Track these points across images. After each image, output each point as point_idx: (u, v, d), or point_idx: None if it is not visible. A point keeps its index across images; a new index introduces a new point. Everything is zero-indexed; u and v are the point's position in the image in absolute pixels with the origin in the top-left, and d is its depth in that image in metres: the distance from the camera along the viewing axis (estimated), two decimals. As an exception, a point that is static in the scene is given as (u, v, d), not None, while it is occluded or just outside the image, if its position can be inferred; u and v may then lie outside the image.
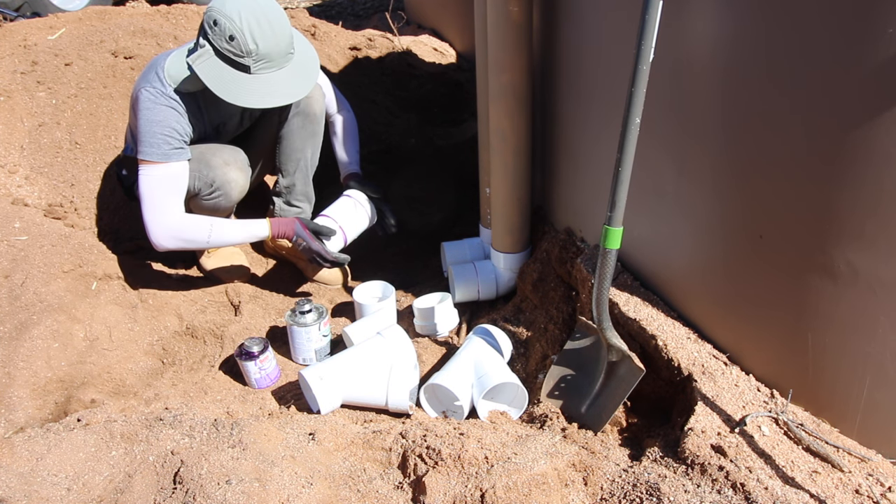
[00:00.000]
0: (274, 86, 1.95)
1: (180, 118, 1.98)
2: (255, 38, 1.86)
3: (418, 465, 1.36)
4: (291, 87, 1.99)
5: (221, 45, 1.87)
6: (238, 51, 1.87)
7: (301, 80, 2.02)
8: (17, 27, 2.92)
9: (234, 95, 1.91)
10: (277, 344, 2.12)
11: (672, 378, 1.55)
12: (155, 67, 1.99)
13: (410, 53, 3.93)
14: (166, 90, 1.96)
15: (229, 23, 1.83)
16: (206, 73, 1.89)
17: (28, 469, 1.33)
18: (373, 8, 5.65)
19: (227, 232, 2.07)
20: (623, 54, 1.54)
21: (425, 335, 2.19)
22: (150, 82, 1.96)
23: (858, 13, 1.09)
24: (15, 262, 2.03)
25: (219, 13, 1.84)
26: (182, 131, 2.00)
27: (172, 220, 1.98)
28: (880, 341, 1.26)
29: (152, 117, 1.94)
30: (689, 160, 1.49)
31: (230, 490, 1.23)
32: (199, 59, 1.88)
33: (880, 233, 1.18)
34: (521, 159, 2.07)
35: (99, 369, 1.90)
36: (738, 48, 1.29)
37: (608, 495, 1.29)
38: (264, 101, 1.94)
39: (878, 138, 1.12)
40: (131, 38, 2.82)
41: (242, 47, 1.86)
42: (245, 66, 1.90)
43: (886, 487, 1.25)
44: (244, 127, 2.34)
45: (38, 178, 2.48)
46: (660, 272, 1.71)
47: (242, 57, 1.88)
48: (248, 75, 1.91)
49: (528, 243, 2.26)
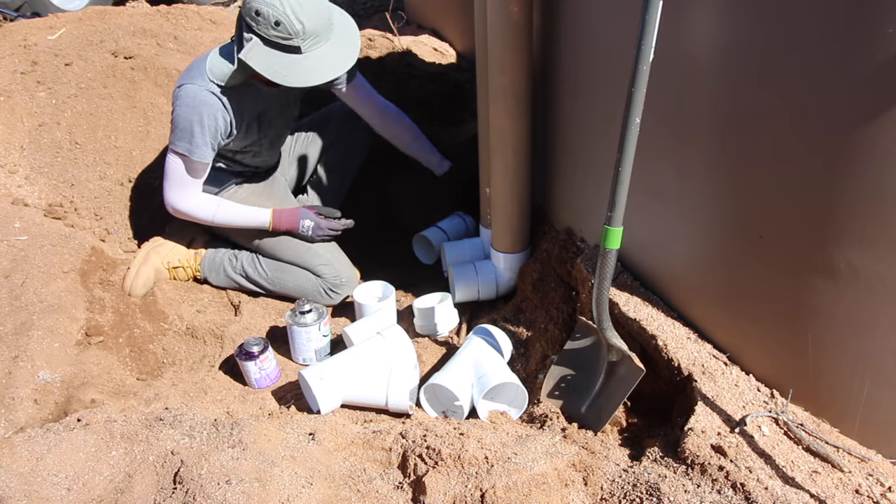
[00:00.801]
0: (325, 59, 1.99)
1: (217, 113, 2.04)
2: (300, 18, 1.89)
3: (418, 465, 1.36)
4: (341, 57, 2.04)
5: (268, 32, 1.90)
6: (286, 34, 1.90)
7: (347, 46, 2.06)
8: (18, 27, 2.92)
9: (292, 79, 1.95)
10: (277, 344, 2.12)
11: (672, 378, 1.55)
12: (198, 67, 2.05)
13: (410, 53, 3.93)
14: (209, 86, 2.02)
15: (271, 9, 1.87)
16: (259, 64, 1.93)
17: (28, 469, 1.33)
18: (373, 8, 5.65)
19: (231, 214, 2.22)
20: (623, 54, 1.54)
21: (425, 335, 2.19)
22: (194, 79, 2.02)
23: (858, 13, 1.08)
24: (15, 262, 2.03)
25: (259, 3, 1.88)
26: (215, 127, 2.05)
27: (187, 200, 2.17)
28: (880, 341, 1.26)
29: (191, 113, 2.01)
30: (689, 160, 1.49)
31: (230, 490, 1.23)
32: (249, 52, 1.92)
33: (880, 233, 1.18)
34: (521, 159, 2.07)
35: (99, 369, 1.90)
36: (738, 48, 1.29)
37: (608, 495, 1.29)
38: (321, 76, 1.98)
39: (878, 138, 1.12)
40: (131, 38, 2.82)
41: (290, 29, 1.90)
42: (296, 48, 1.94)
43: (886, 487, 1.25)
44: (284, 116, 2.37)
45: (38, 178, 2.48)
46: (660, 272, 1.71)
47: (291, 39, 1.92)
48: (300, 55, 1.96)
49: (528, 243, 2.26)
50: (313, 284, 2.31)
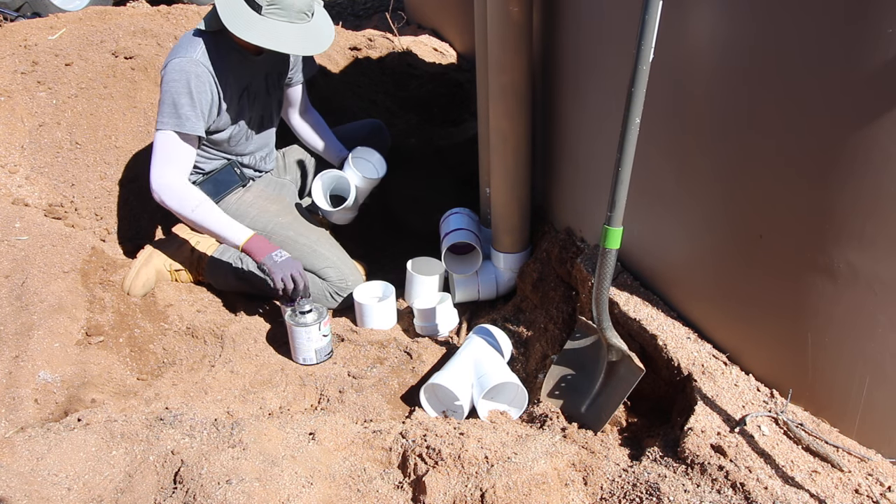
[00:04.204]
0: (280, 33, 2.04)
1: (205, 82, 2.05)
2: None
3: (418, 464, 1.36)
4: (296, 42, 2.07)
5: None
6: None
7: (310, 42, 2.10)
8: (18, 27, 2.92)
9: (239, 29, 2.00)
10: (277, 344, 2.13)
11: (672, 378, 1.55)
12: (183, 41, 2.09)
13: (410, 53, 3.93)
14: (195, 55, 2.04)
15: None
16: (221, 4, 2.00)
17: (28, 469, 1.33)
18: (373, 8, 5.65)
19: (210, 217, 2.11)
20: (623, 54, 1.54)
21: (425, 335, 2.19)
22: (179, 54, 2.05)
23: (857, 13, 1.09)
24: (16, 262, 2.04)
25: None
26: (204, 99, 2.06)
27: (173, 181, 2.08)
28: (879, 341, 1.26)
29: (178, 87, 2.02)
30: (689, 160, 1.49)
31: (230, 490, 1.23)
32: None
33: (880, 233, 1.18)
34: (521, 159, 2.07)
35: (99, 369, 1.90)
36: (738, 48, 1.30)
37: (608, 495, 1.29)
38: (266, 41, 2.02)
39: (878, 138, 1.12)
40: (131, 38, 2.82)
41: None
42: (257, 6, 2.00)
43: (886, 487, 1.25)
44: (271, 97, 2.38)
45: (39, 178, 2.48)
46: (660, 272, 1.71)
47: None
48: (257, 15, 2.01)
49: (528, 243, 2.26)
50: (319, 289, 2.31)
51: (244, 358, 2.01)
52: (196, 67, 2.03)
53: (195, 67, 2.03)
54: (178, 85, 2.02)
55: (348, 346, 2.11)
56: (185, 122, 2.04)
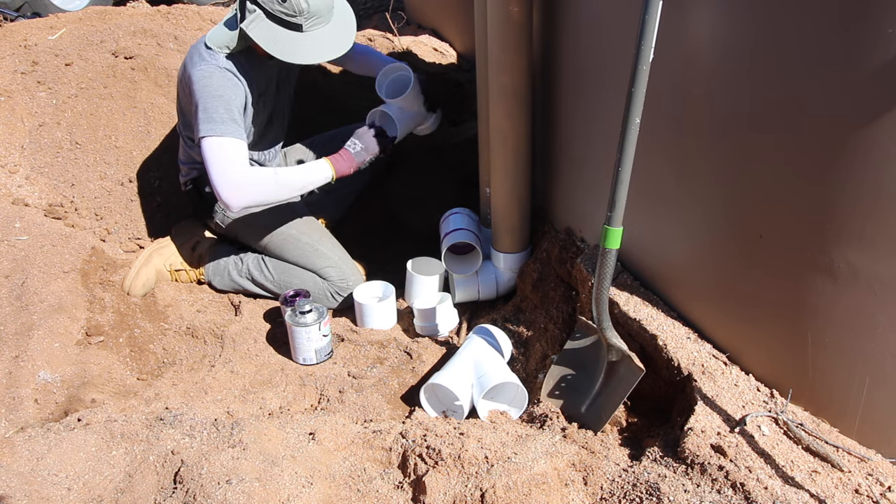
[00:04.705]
0: (323, 41, 2.04)
1: (236, 88, 2.04)
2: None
3: (418, 464, 1.36)
4: (338, 42, 2.08)
5: (273, 7, 1.95)
6: (291, 11, 1.96)
7: (345, 32, 2.11)
8: (18, 27, 2.92)
9: (289, 54, 1.99)
10: (277, 344, 2.13)
11: (672, 378, 1.55)
12: (197, 50, 2.06)
13: (410, 53, 3.92)
14: (218, 61, 2.02)
15: None
16: (259, 36, 1.97)
17: (28, 468, 1.33)
18: (373, 8, 5.64)
19: (293, 179, 2.10)
20: (623, 54, 1.54)
21: (425, 335, 2.19)
22: (196, 64, 2.02)
23: (857, 13, 1.09)
24: (16, 262, 2.04)
25: None
26: (239, 103, 2.05)
27: (240, 175, 2.01)
28: (879, 341, 1.26)
29: (211, 92, 1.99)
30: (689, 160, 1.49)
31: (230, 490, 1.23)
32: (251, 23, 1.96)
33: (880, 233, 1.18)
34: (521, 159, 2.07)
35: (99, 369, 1.90)
36: (738, 48, 1.30)
37: (608, 495, 1.29)
38: (317, 56, 2.02)
39: (878, 138, 1.12)
40: (131, 39, 2.82)
41: (295, 7, 1.95)
42: (297, 25, 1.98)
43: (886, 487, 1.25)
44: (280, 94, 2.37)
45: (39, 178, 2.48)
46: (660, 272, 1.71)
47: (295, 17, 1.96)
48: (300, 34, 2.00)
49: (528, 243, 2.26)
50: (320, 288, 2.31)
51: (244, 358, 2.01)
52: (228, 77, 2.03)
53: (228, 78, 2.03)
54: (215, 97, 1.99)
55: (348, 346, 2.11)
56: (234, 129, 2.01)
